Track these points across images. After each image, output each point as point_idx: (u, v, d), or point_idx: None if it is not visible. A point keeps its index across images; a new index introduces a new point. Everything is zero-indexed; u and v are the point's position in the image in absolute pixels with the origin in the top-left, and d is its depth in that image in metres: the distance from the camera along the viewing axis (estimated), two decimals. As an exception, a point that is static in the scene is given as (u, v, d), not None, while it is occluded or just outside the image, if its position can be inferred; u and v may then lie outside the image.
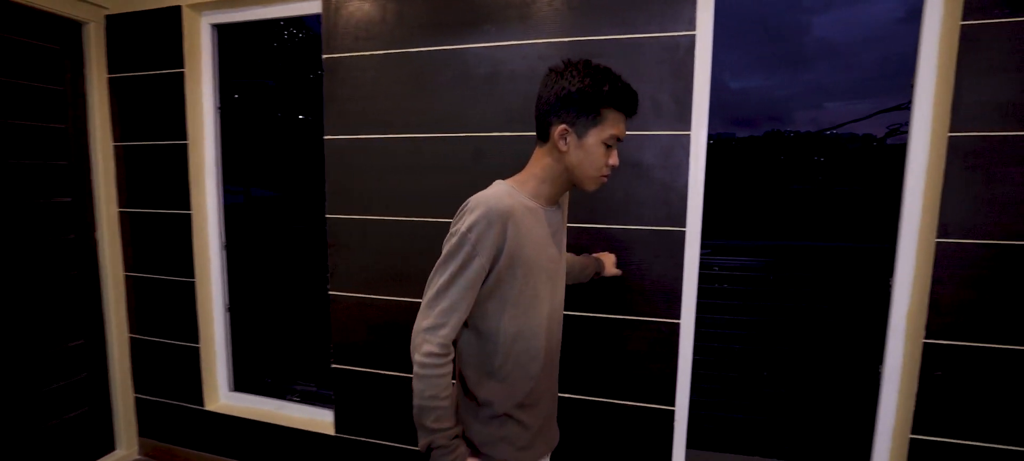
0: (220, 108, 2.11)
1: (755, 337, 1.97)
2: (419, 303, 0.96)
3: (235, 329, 2.24)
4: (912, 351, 1.48)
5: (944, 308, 1.41)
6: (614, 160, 1.01)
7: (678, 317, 1.58)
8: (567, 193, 1.12)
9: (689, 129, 1.52)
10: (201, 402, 2.15)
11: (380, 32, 1.73)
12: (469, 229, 0.91)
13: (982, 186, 1.35)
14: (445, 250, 0.94)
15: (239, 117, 2.16)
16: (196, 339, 2.12)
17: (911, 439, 1.48)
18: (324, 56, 1.80)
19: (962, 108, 1.34)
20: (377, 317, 1.83)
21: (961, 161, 1.36)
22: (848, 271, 1.86)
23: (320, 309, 2.10)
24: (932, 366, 1.44)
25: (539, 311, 1.02)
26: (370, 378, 1.88)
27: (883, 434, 1.57)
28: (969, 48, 1.33)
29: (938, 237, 1.39)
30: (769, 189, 2.19)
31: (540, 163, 1.02)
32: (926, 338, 1.43)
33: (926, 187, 1.44)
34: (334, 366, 1.93)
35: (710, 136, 1.60)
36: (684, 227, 1.54)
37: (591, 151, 0.97)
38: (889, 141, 1.92)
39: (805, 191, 2.15)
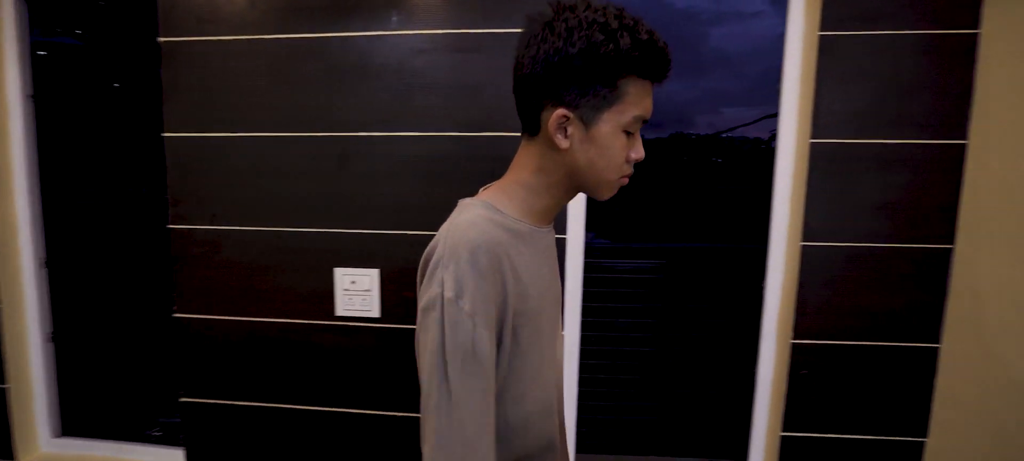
0: (33, 97, 1.75)
1: (647, 339, 1.96)
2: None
3: (62, 362, 1.87)
4: (782, 351, 1.52)
5: (809, 309, 1.45)
6: (638, 153, 0.69)
7: (561, 326, 1.50)
8: None
9: (569, 131, 1.44)
10: (11, 454, 1.78)
11: (228, 15, 1.50)
12: (456, 293, 0.59)
13: (840, 191, 1.40)
14: (424, 342, 0.61)
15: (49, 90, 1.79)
16: (3, 378, 1.74)
17: (782, 437, 1.51)
18: (161, 39, 1.53)
19: (821, 115, 1.38)
20: (233, 341, 1.60)
21: (822, 166, 1.40)
22: (741, 272, 1.90)
23: (167, 334, 1.81)
24: (799, 365, 1.48)
25: (547, 378, 0.74)
26: (225, 411, 1.64)
27: (758, 433, 1.61)
28: (827, 58, 1.36)
29: (803, 240, 1.43)
30: (671, 190, 2.22)
31: (529, 166, 0.71)
32: (793, 338, 1.47)
33: (793, 192, 1.47)
34: (183, 399, 1.66)
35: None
36: (564, 234, 1.47)
37: (606, 144, 0.65)
38: (774, 145, 2.00)
39: (703, 192, 2.19)
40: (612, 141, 0.66)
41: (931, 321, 1.43)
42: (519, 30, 0.68)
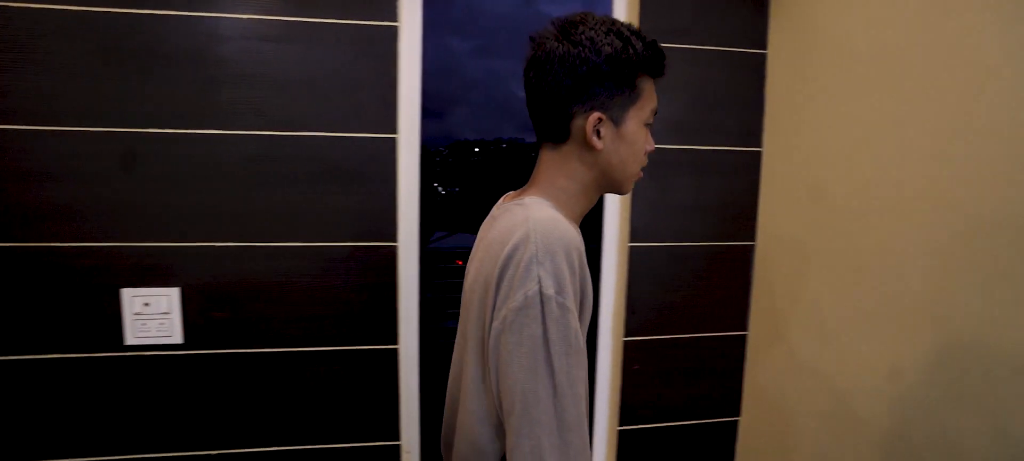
0: None
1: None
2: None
3: None
4: (616, 349, 1.58)
5: (638, 306, 1.52)
6: (651, 145, 0.77)
7: (395, 341, 1.41)
8: None
9: (396, 132, 1.36)
10: None
11: (-38, -24, 1.19)
12: (557, 289, 0.58)
13: (659, 194, 1.48)
14: (518, 340, 0.58)
15: None
16: None
17: (619, 431, 1.57)
18: None
19: (642, 122, 1.45)
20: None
21: (645, 171, 1.47)
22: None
23: None
24: (631, 361, 1.54)
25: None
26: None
27: (599, 429, 1.65)
28: (645, 67, 1.44)
29: (630, 241, 1.49)
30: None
31: (564, 171, 0.73)
32: (625, 336, 1.53)
33: (621, 197, 1.53)
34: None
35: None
36: (395, 242, 1.38)
37: (633, 139, 0.73)
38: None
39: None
40: (637, 135, 0.73)
41: (739, 312, 1.57)
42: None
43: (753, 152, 1.51)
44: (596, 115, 0.69)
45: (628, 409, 1.56)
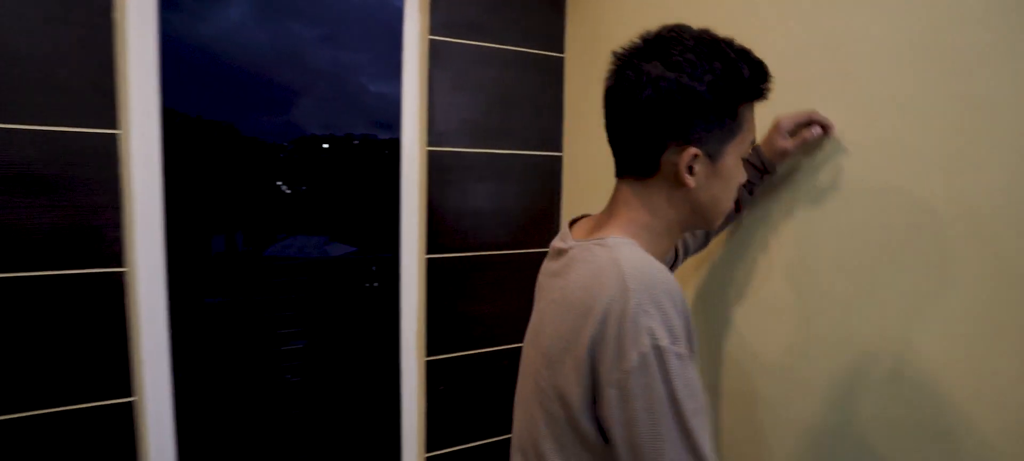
0: None
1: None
2: None
3: None
4: (420, 371, 1.45)
5: (437, 322, 1.40)
6: (744, 176, 0.66)
7: (130, 394, 1.12)
8: None
9: (116, 127, 1.07)
10: None
11: None
12: (672, 339, 0.51)
13: (458, 200, 1.38)
14: (643, 404, 0.51)
15: None
16: None
17: (426, 458, 1.44)
18: None
19: (436, 123, 1.34)
20: None
21: (440, 176, 1.36)
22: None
23: None
24: (435, 382, 1.42)
25: None
26: None
27: (409, 456, 1.51)
28: (438, 63, 1.32)
29: (428, 253, 1.37)
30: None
31: (648, 207, 0.63)
32: (428, 356, 1.40)
33: (419, 204, 1.40)
34: None
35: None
36: (121, 267, 1.09)
37: (730, 175, 0.62)
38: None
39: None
40: (735, 172, 0.63)
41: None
42: None
43: (554, 157, 1.48)
44: (692, 151, 0.58)
45: (436, 434, 1.44)
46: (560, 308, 0.60)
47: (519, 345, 1.46)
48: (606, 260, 0.57)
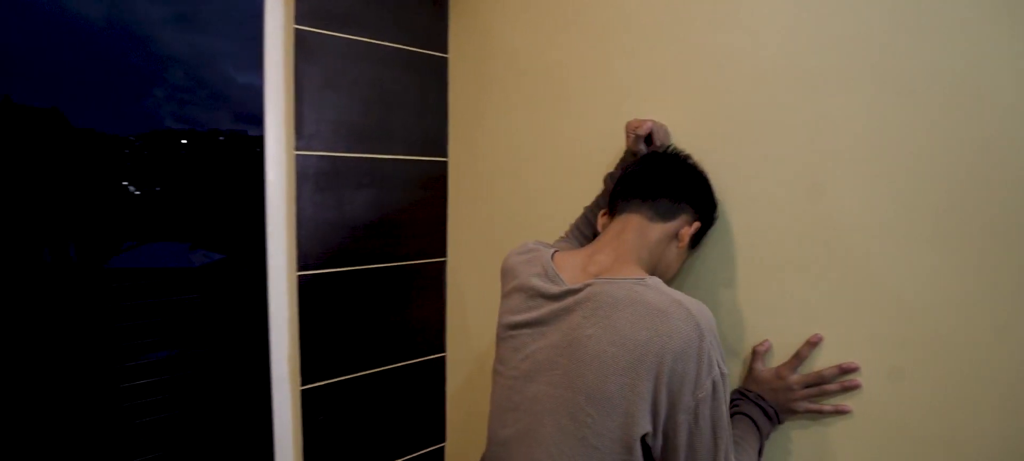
0: None
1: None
2: None
3: None
4: (295, 401, 1.29)
5: (314, 347, 1.26)
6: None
7: None
8: None
9: None
10: None
11: None
12: (723, 367, 0.61)
13: (334, 211, 1.25)
14: (712, 425, 0.60)
15: None
16: None
17: (305, 497, 1.29)
18: None
19: (305, 124, 1.19)
20: None
21: (311, 183, 1.22)
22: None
23: None
24: (314, 412, 1.28)
25: None
26: None
27: (284, 499, 1.34)
28: (304, 56, 1.18)
29: (299, 270, 1.22)
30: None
31: (647, 246, 0.74)
32: (303, 385, 1.25)
33: (287, 215, 1.25)
34: None
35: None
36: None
37: (683, 260, 0.79)
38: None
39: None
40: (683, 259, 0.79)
41: (436, 332, 1.47)
42: None
43: (439, 162, 1.41)
44: (698, 225, 0.75)
45: (314, 469, 1.29)
46: (615, 348, 0.62)
47: (408, 361, 1.38)
48: (668, 301, 0.62)
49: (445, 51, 1.39)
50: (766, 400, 0.74)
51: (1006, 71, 0.54)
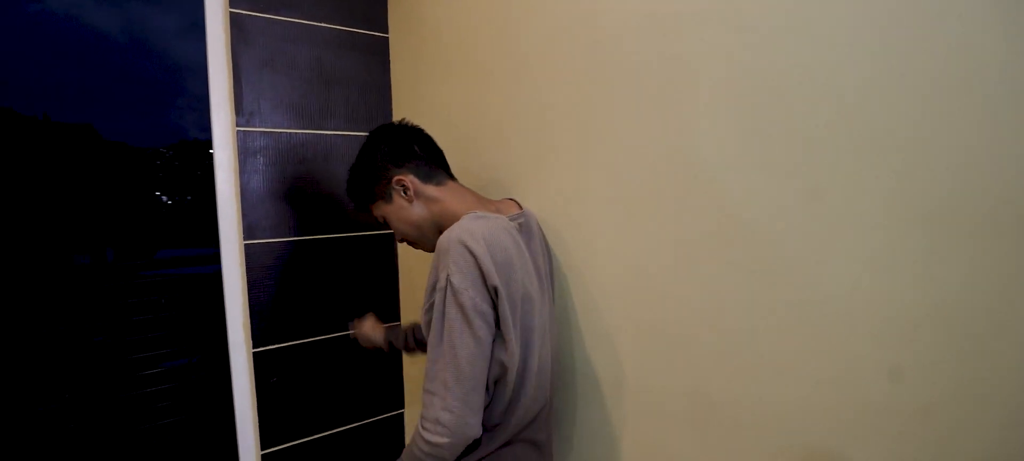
0: None
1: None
2: None
3: None
4: (248, 363, 1.38)
5: (264, 312, 1.34)
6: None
7: None
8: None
9: None
10: None
11: None
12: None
13: (278, 183, 1.33)
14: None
15: None
16: None
17: (262, 456, 1.38)
18: None
19: (244, 102, 1.28)
20: None
21: (253, 159, 1.30)
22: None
23: None
24: (266, 374, 1.36)
25: None
26: None
27: (247, 456, 1.43)
28: (241, 38, 1.26)
29: (245, 239, 1.30)
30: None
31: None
32: (255, 347, 1.34)
33: (235, 190, 1.34)
34: None
35: None
36: None
37: None
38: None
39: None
40: None
41: (390, 301, 1.53)
42: None
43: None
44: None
45: (269, 430, 1.37)
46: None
47: (345, 332, 1.44)
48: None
49: (386, 31, 1.45)
50: None
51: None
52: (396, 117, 1.47)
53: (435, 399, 0.70)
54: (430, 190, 0.89)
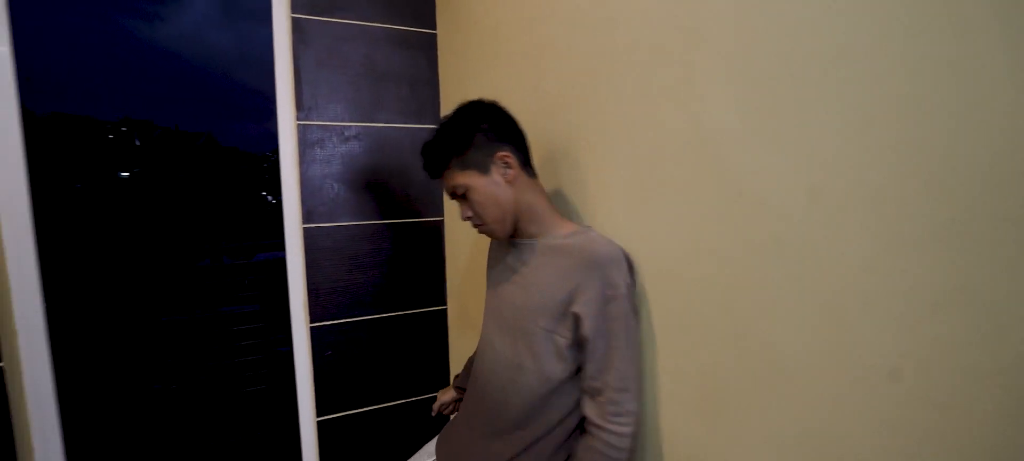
0: None
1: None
2: None
3: None
4: (307, 337, 1.51)
5: (320, 291, 1.46)
6: (463, 213, 0.88)
7: None
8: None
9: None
10: None
11: None
12: None
13: (332, 171, 1.44)
14: None
15: None
16: None
17: (318, 422, 1.50)
18: None
19: (304, 98, 1.40)
20: None
21: (311, 150, 1.42)
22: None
23: None
24: (321, 348, 1.48)
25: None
26: None
27: (305, 421, 1.57)
28: (300, 40, 1.38)
29: (304, 223, 1.43)
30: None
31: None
32: (311, 322, 1.46)
33: (296, 179, 1.47)
34: None
35: None
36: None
37: None
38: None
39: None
40: None
41: (437, 288, 1.60)
42: None
43: (430, 129, 1.54)
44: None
45: (324, 399, 1.50)
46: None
47: (411, 310, 1.52)
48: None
49: (434, 27, 1.52)
50: None
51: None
52: (445, 110, 1.54)
53: (627, 395, 0.75)
54: (525, 178, 0.85)
